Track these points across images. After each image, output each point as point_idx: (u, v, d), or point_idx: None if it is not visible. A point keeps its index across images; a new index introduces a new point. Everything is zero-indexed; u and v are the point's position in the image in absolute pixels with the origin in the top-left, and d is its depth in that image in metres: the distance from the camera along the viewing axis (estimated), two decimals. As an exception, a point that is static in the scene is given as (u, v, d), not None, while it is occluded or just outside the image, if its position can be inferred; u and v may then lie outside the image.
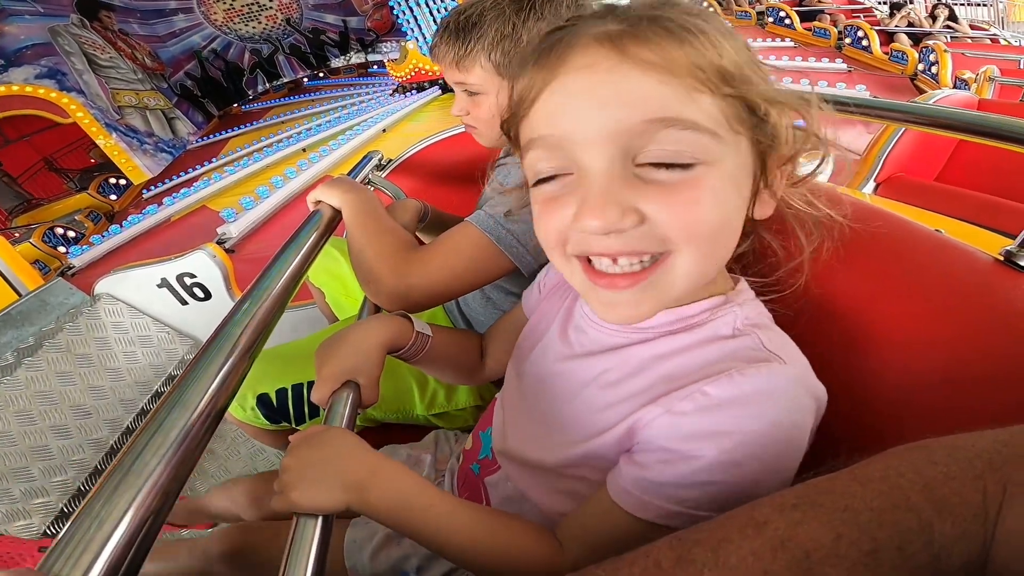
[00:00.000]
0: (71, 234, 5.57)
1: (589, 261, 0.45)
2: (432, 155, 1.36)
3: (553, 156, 0.44)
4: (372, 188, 1.24)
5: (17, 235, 5.72)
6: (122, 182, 6.94)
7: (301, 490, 0.47)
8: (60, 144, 7.80)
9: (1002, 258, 0.51)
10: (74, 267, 4.19)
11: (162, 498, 0.40)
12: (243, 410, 1.02)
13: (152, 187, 6.26)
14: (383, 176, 1.32)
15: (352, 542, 0.68)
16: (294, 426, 1.03)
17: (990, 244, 0.60)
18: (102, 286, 1.90)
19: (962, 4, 9.16)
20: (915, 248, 0.55)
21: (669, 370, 0.46)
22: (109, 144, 6.54)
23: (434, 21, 6.83)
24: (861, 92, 4.68)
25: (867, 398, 0.50)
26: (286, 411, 1.01)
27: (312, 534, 0.44)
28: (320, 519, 0.46)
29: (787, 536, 0.30)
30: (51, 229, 5.49)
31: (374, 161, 1.28)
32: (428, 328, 0.71)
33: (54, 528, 1.45)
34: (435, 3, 6.86)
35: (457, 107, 0.90)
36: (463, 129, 1.41)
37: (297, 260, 0.74)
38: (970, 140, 0.89)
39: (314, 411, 1.01)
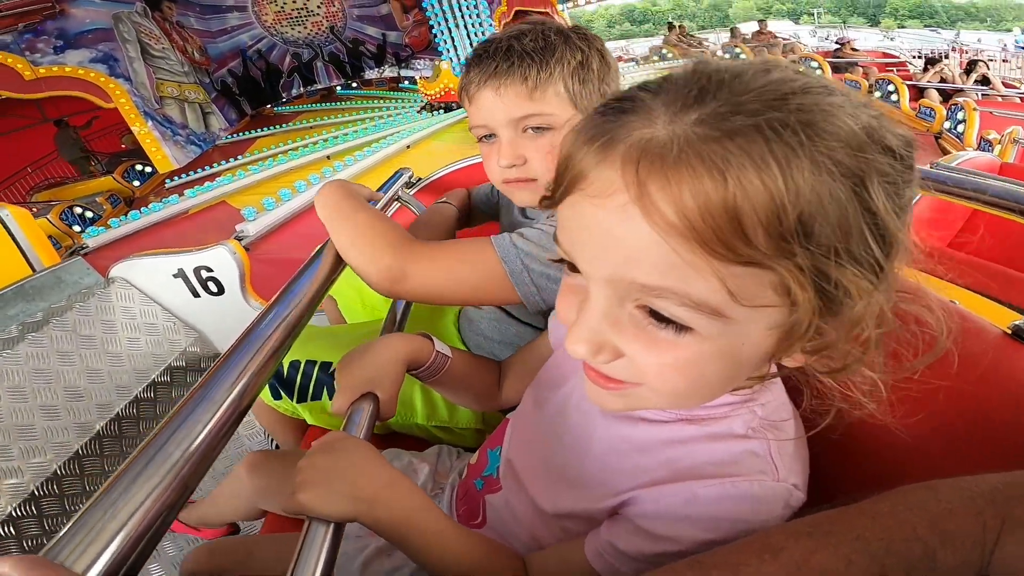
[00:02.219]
0: (88, 214, 5.65)
1: None
2: (463, 178, 1.37)
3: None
4: (400, 204, 1.25)
5: (35, 210, 5.81)
6: (147, 170, 7.07)
7: (313, 494, 0.49)
8: (95, 127, 8.01)
9: (1010, 332, 0.52)
10: (88, 247, 4.22)
11: (179, 491, 0.40)
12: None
13: (175, 178, 6.35)
14: (411, 194, 1.33)
15: (342, 554, 0.67)
16: (295, 402, 1.01)
17: (999, 317, 0.62)
18: (118, 270, 1.91)
19: (992, 60, 9.31)
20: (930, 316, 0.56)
21: (674, 457, 0.46)
22: (143, 131, 6.68)
23: (470, 44, 7.02)
24: None
25: (875, 447, 0.52)
26: (292, 384, 1.00)
27: (323, 540, 0.45)
28: (332, 526, 0.47)
29: (802, 561, 0.32)
30: (70, 208, 5.56)
31: (404, 178, 1.29)
32: (448, 349, 0.72)
33: (20, 512, 1.40)
34: (474, 27, 7.05)
35: (508, 155, 0.76)
36: (477, 159, 1.44)
37: (327, 266, 0.74)
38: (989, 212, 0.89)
39: (317, 392, 0.99)
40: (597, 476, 0.50)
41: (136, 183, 6.96)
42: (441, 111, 7.28)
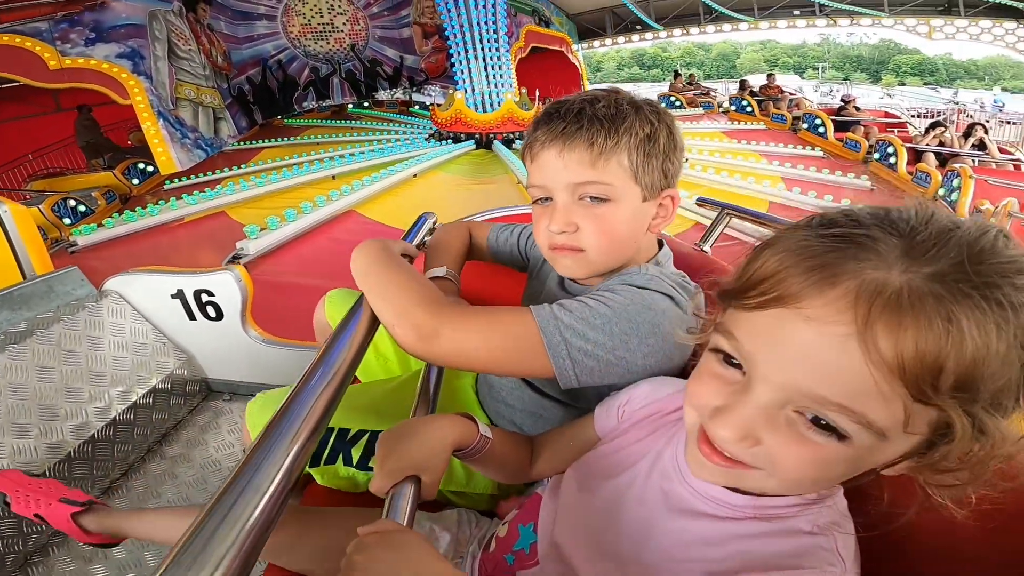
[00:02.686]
0: (81, 208, 5.56)
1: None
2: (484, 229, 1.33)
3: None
4: (423, 250, 1.21)
5: (29, 197, 5.72)
6: (149, 169, 7.03)
7: None
8: (106, 122, 8.02)
9: None
10: (76, 245, 4.13)
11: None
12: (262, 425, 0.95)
13: (176, 180, 6.29)
14: (433, 240, 1.29)
15: None
16: (308, 466, 0.94)
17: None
18: (113, 283, 1.84)
19: (988, 121, 9.51)
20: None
21: (746, 550, 0.48)
22: (153, 131, 6.69)
23: (486, 75, 7.12)
24: None
25: (923, 546, 0.52)
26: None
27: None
28: None
29: None
30: (64, 200, 5.47)
31: (428, 224, 1.25)
32: (489, 431, 0.70)
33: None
34: (492, 59, 7.18)
35: (560, 220, 0.75)
36: (519, 210, 1.40)
37: (363, 327, 0.71)
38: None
39: (332, 457, 0.93)
40: (660, 566, 0.52)
41: (136, 181, 6.91)
42: (449, 141, 7.35)
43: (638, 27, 14.71)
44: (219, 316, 1.80)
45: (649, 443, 0.62)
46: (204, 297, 1.76)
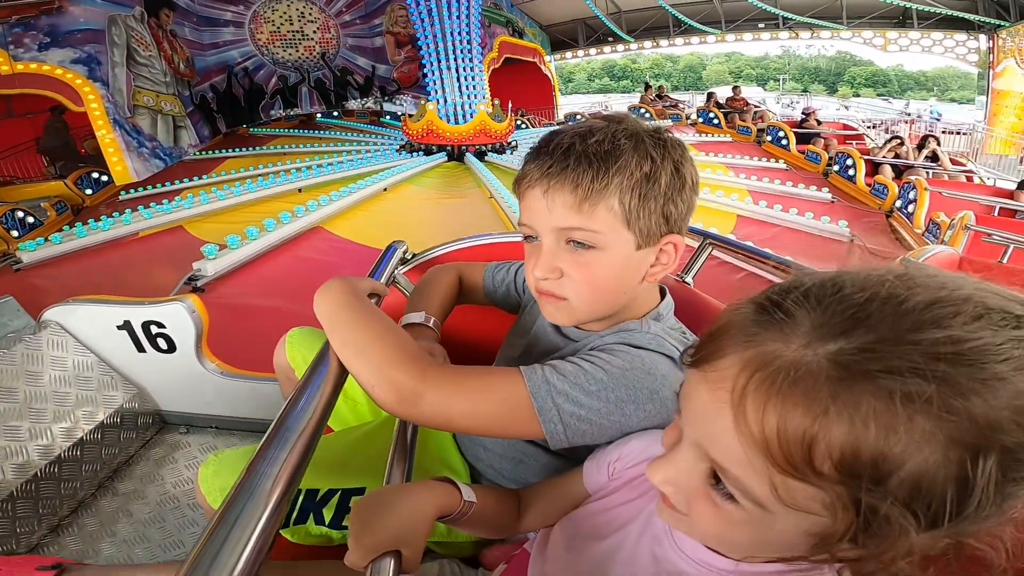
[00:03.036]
0: (30, 220, 5.34)
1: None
2: (461, 259, 1.27)
3: None
4: (391, 285, 1.13)
5: (-27, 207, 5.43)
6: (103, 178, 6.75)
7: None
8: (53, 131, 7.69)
9: None
10: (21, 262, 3.87)
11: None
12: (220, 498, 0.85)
13: (132, 191, 6.05)
14: (403, 272, 1.21)
15: None
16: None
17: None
18: (52, 314, 1.71)
19: (943, 132, 9.94)
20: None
21: None
22: (108, 139, 6.47)
23: (459, 86, 7.07)
24: (842, 229, 4.93)
25: None
26: None
27: None
28: None
29: None
30: (12, 211, 5.23)
31: (398, 255, 1.16)
32: (472, 494, 0.67)
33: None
34: (465, 70, 7.13)
35: (544, 267, 0.68)
36: (507, 238, 1.33)
37: (332, 379, 0.65)
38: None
39: (302, 517, 0.85)
40: None
41: (89, 192, 6.61)
42: (420, 153, 7.26)
43: (610, 39, 14.98)
44: (171, 348, 1.69)
45: (640, 504, 0.60)
46: (154, 329, 1.64)
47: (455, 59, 7.04)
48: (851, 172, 6.95)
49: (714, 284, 1.31)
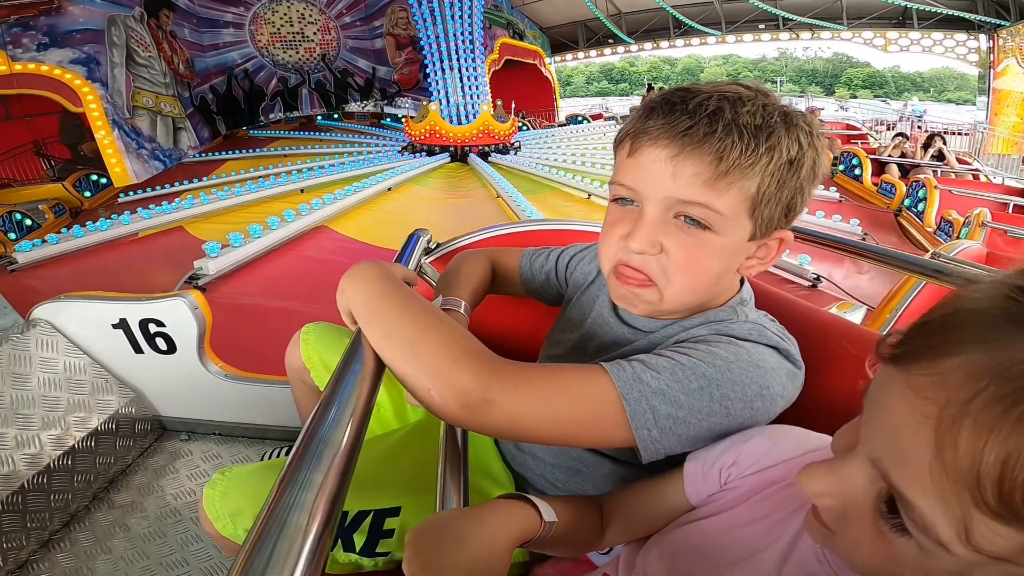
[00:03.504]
0: (28, 222, 5.27)
1: None
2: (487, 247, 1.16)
3: None
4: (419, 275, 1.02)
5: (-28, 209, 5.37)
6: (102, 181, 6.68)
7: None
8: (56, 131, 7.66)
9: None
10: (16, 263, 3.80)
11: None
12: (231, 524, 0.74)
13: (131, 193, 5.96)
14: (428, 261, 1.10)
15: None
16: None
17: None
18: (42, 311, 1.59)
19: (946, 132, 9.95)
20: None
21: None
22: (107, 140, 6.40)
23: (462, 89, 7.02)
24: (854, 227, 4.83)
25: None
26: None
27: None
28: None
29: None
30: (10, 213, 5.16)
31: (423, 242, 1.04)
32: (553, 512, 0.57)
33: None
34: (468, 71, 7.09)
35: (644, 238, 0.58)
36: (536, 226, 1.22)
37: (368, 378, 0.52)
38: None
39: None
40: None
41: (88, 194, 6.54)
42: (423, 154, 7.20)
43: (610, 40, 14.98)
44: (171, 349, 1.57)
45: (776, 527, 0.49)
46: (152, 327, 1.52)
47: (458, 60, 7.01)
48: (857, 172, 6.90)
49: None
